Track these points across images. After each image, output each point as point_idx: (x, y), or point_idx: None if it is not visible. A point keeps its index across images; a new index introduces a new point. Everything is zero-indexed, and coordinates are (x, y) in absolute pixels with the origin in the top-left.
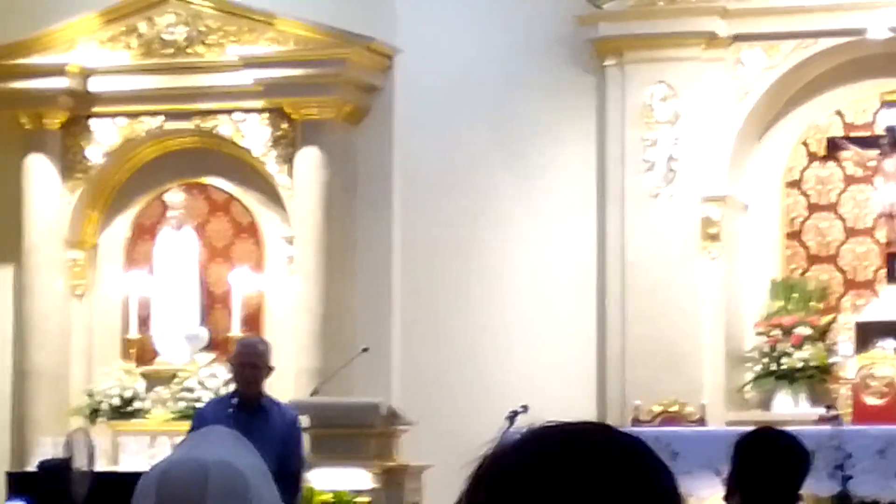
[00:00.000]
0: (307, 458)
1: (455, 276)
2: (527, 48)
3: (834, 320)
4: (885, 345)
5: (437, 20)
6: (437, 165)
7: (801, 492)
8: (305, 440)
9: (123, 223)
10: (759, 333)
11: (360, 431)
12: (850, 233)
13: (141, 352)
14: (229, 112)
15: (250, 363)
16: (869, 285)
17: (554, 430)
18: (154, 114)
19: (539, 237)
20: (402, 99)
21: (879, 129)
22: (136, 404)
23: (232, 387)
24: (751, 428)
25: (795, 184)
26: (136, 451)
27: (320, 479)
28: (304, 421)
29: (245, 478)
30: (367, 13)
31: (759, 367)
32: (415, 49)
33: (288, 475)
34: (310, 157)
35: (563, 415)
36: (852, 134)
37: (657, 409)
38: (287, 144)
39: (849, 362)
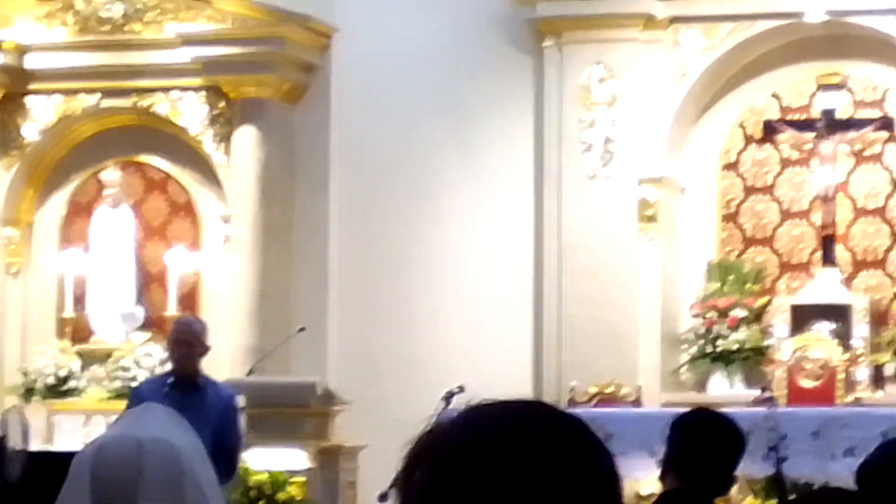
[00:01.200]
0: (244, 438)
1: (393, 256)
2: (466, 28)
3: (769, 303)
4: (820, 327)
5: None
6: (375, 144)
7: (736, 473)
8: (241, 420)
9: (59, 201)
10: (695, 315)
11: (296, 411)
12: (786, 215)
13: (76, 330)
14: (166, 90)
15: (186, 342)
16: (804, 268)
17: (490, 407)
18: (91, 91)
19: (477, 217)
20: (341, 78)
21: (816, 113)
22: (72, 383)
23: (168, 366)
24: (686, 409)
25: (732, 166)
26: (71, 430)
27: (256, 458)
28: (241, 401)
29: (180, 456)
30: None
31: (694, 349)
32: (353, 28)
33: (223, 453)
34: (247, 136)
35: (499, 395)
36: (789, 117)
37: (593, 390)
38: (224, 123)
39: (784, 344)
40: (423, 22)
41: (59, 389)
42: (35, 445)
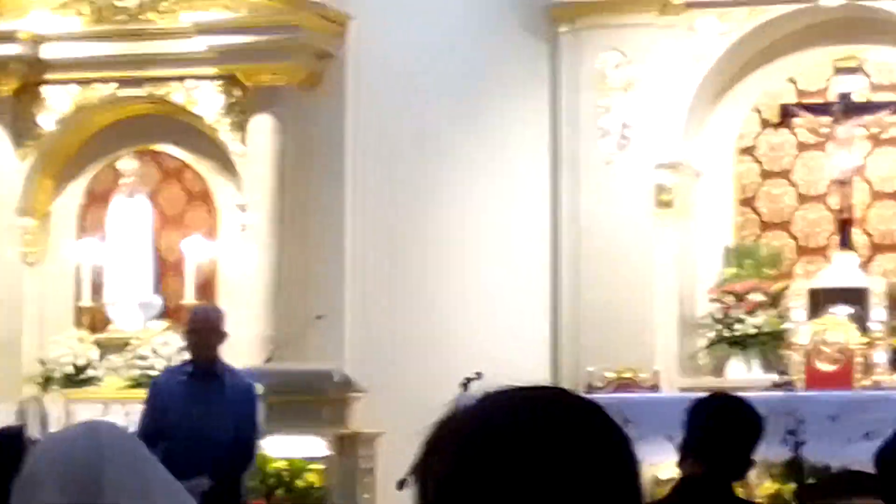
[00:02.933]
0: (262, 426)
1: (409, 243)
2: (482, 14)
3: (787, 287)
4: (838, 311)
5: None
6: (390, 132)
7: (754, 457)
8: (260, 407)
9: (76, 190)
10: (713, 300)
11: (313, 398)
12: (803, 199)
13: (94, 320)
14: (182, 79)
15: (203, 329)
16: (821, 252)
17: (507, 393)
18: (107, 81)
19: (493, 203)
20: (356, 65)
21: (832, 96)
22: (90, 372)
23: (187, 355)
24: (704, 394)
25: (748, 150)
26: (90, 419)
27: (274, 446)
28: (259, 388)
29: (136, 439)
30: None
31: (712, 334)
32: (368, 15)
33: (241, 441)
34: (263, 124)
35: (516, 381)
36: (805, 101)
37: (611, 375)
38: (240, 111)
39: (801, 328)
40: (438, 8)
41: (77, 379)
42: (60, 430)
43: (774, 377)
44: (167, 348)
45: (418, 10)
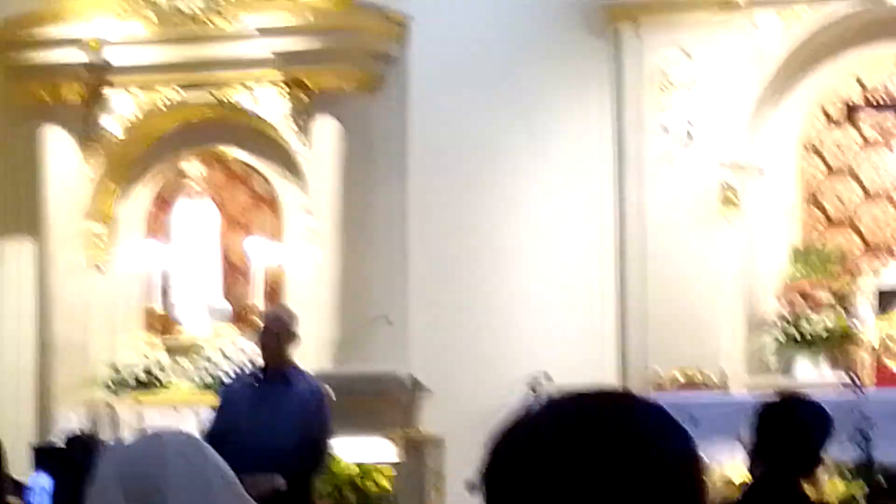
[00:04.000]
0: (332, 429)
1: (472, 244)
2: (540, 13)
3: (853, 285)
4: None
5: None
6: (452, 133)
7: (824, 457)
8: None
9: (142, 194)
10: (779, 299)
11: (382, 401)
12: (869, 197)
13: (163, 324)
14: (246, 82)
15: (274, 332)
16: (888, 249)
17: (574, 398)
18: (171, 85)
19: (556, 203)
20: (417, 67)
21: None
22: (160, 376)
23: (259, 357)
24: (771, 394)
25: (813, 148)
26: (161, 423)
27: (342, 448)
28: (328, 391)
29: (200, 444)
30: None
31: (779, 333)
32: (428, 17)
33: (311, 443)
34: (326, 127)
35: (583, 382)
36: (869, 97)
37: (678, 375)
38: (304, 114)
39: (869, 327)
40: (496, 9)
41: (147, 382)
42: (126, 439)
43: (842, 376)
44: (235, 351)
45: (477, 11)
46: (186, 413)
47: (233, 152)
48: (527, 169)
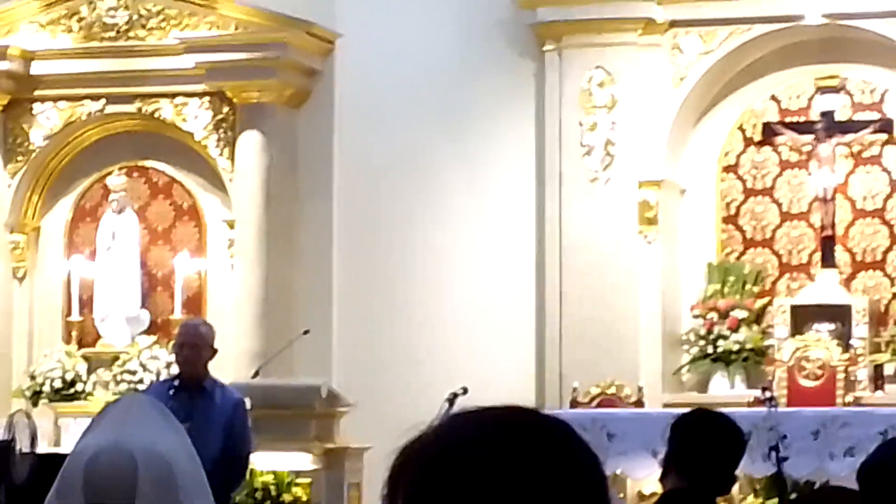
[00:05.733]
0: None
1: (395, 259)
2: (467, 32)
3: (769, 303)
4: (820, 328)
5: (377, 4)
6: (377, 149)
7: (737, 473)
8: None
9: (65, 206)
10: (696, 316)
11: (301, 413)
12: (786, 217)
13: (83, 334)
14: (171, 96)
15: (191, 343)
16: (804, 269)
17: (474, 415)
18: (96, 97)
19: (479, 220)
20: (343, 83)
21: (814, 115)
22: (78, 386)
23: (175, 369)
24: (687, 410)
25: (732, 168)
26: (78, 433)
27: (261, 460)
28: (246, 403)
29: (170, 465)
30: None
31: (695, 350)
32: (355, 33)
33: (233, 457)
34: (251, 141)
35: (501, 395)
36: (788, 119)
37: (595, 390)
38: (228, 128)
39: (784, 345)
40: (424, 27)
41: (65, 393)
42: (42, 448)
43: (757, 393)
44: (155, 363)
45: (405, 29)
46: None
47: (156, 165)
48: (451, 184)
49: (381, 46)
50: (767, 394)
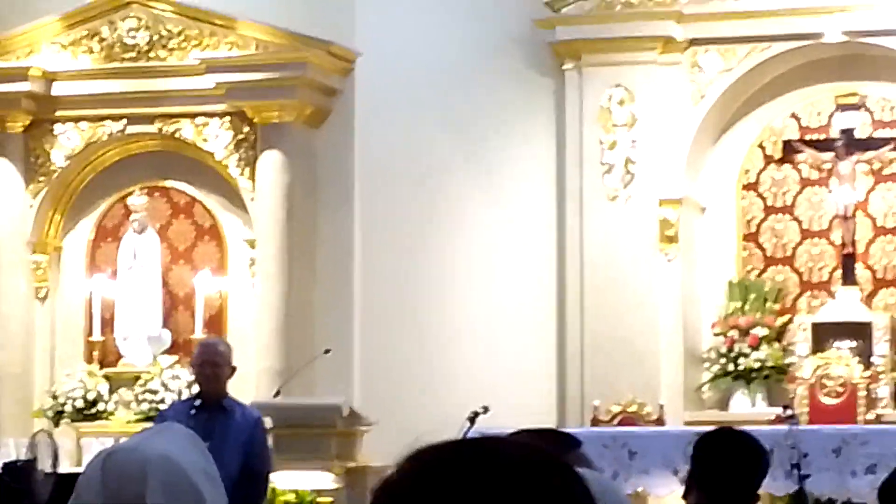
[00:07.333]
0: (272, 459)
1: (416, 277)
2: (486, 51)
3: (790, 321)
4: (841, 345)
5: (396, 23)
6: (397, 167)
7: (759, 491)
8: (269, 441)
9: (86, 226)
10: (717, 334)
11: (322, 432)
12: (806, 234)
13: (104, 354)
14: (191, 116)
15: (210, 362)
16: (824, 286)
17: (444, 449)
18: (117, 118)
19: (499, 238)
20: (363, 101)
21: (834, 132)
22: (100, 406)
23: (195, 388)
24: (709, 427)
25: (752, 186)
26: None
27: (282, 479)
28: (267, 422)
29: (186, 474)
30: (327, 16)
31: (716, 368)
32: (374, 52)
33: (253, 475)
34: (271, 160)
35: (522, 414)
36: (808, 137)
37: (616, 408)
38: (249, 147)
39: (805, 362)
40: (443, 45)
41: (87, 412)
42: (64, 468)
43: (778, 411)
44: (176, 382)
45: (423, 47)
46: None
47: (177, 185)
48: (472, 203)
49: (400, 65)
50: (788, 411)
